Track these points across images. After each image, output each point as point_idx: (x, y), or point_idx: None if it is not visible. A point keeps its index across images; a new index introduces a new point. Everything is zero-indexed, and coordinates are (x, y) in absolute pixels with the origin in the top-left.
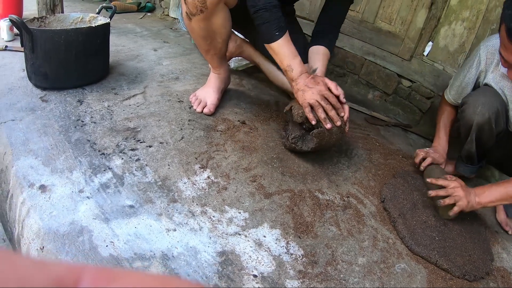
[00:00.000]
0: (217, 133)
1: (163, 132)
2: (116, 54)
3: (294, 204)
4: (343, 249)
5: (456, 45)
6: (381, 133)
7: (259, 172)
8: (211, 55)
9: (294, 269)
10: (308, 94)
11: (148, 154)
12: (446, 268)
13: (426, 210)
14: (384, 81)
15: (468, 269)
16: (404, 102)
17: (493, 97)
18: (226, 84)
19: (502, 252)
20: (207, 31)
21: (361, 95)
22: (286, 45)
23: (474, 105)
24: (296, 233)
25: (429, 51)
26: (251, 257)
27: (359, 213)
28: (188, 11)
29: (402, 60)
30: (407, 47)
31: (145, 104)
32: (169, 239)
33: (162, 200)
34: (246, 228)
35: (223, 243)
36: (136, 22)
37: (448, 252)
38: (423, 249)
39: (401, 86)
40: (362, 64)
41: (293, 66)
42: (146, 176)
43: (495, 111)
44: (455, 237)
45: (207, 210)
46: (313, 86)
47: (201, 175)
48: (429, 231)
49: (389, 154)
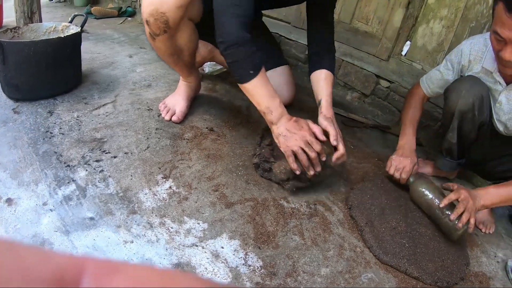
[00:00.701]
0: (183, 141)
1: (129, 142)
2: (91, 62)
3: (256, 214)
4: (305, 259)
5: (434, 44)
6: (357, 135)
7: (222, 181)
8: (179, 67)
9: (251, 281)
10: (291, 141)
11: (112, 165)
12: (417, 276)
13: (396, 215)
14: (362, 82)
15: (440, 276)
16: (383, 103)
17: (478, 85)
18: (196, 91)
19: (482, 256)
20: (173, 48)
21: (339, 97)
22: (263, 85)
23: (458, 89)
24: (256, 244)
25: (407, 50)
26: (207, 269)
27: (325, 221)
28: (151, 31)
29: (380, 61)
30: (384, 47)
31: (114, 113)
32: (126, 251)
33: (122, 212)
34: (204, 239)
35: (179, 255)
36: (115, 28)
37: (419, 259)
38: (392, 258)
39: (380, 87)
40: (340, 66)
41: (272, 108)
42: (108, 188)
43: (479, 97)
44: (427, 242)
45: (165, 221)
46: (296, 132)
47: (163, 186)
48: (398, 237)
49: (364, 158)
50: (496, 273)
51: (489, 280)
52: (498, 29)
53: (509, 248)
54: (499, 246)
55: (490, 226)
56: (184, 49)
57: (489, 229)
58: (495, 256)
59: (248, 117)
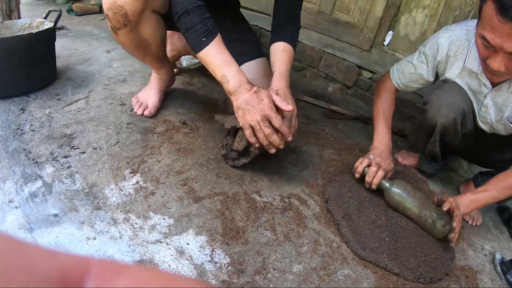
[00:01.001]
0: (154, 135)
1: (99, 137)
2: (68, 59)
3: (225, 208)
4: (276, 255)
5: (417, 34)
6: (338, 127)
7: (191, 175)
8: (148, 60)
9: (217, 278)
10: (249, 115)
11: (80, 160)
12: (397, 272)
13: (376, 208)
14: (344, 73)
15: (423, 272)
16: (366, 94)
17: (459, 98)
18: (169, 84)
19: (468, 249)
20: (138, 41)
21: (320, 89)
22: (218, 52)
23: (438, 105)
24: (224, 240)
25: (389, 40)
26: (170, 266)
27: (300, 215)
28: (111, 25)
29: (361, 51)
30: (366, 37)
31: (86, 109)
32: (88, 248)
33: (87, 208)
34: (169, 235)
35: (142, 252)
36: (95, 24)
37: (400, 254)
38: (370, 253)
39: (362, 78)
40: (321, 57)
41: (229, 77)
42: (74, 184)
43: (461, 113)
44: (409, 236)
45: (130, 217)
46: (255, 104)
47: (130, 181)
48: (378, 231)
49: (344, 149)
50: (483, 267)
51: (476, 274)
52: (487, 34)
53: (497, 240)
54: (486, 239)
55: (477, 218)
56: (150, 42)
57: (476, 221)
58: (482, 249)
59: (225, 111)
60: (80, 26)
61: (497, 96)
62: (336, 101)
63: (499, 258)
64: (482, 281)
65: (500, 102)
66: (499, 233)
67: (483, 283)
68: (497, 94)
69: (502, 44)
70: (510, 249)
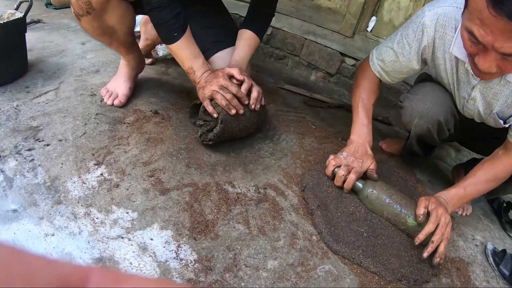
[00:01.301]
0: (123, 125)
1: (66, 128)
2: (41, 51)
3: (194, 200)
4: (249, 251)
5: (401, 19)
6: (320, 115)
7: (159, 166)
8: (115, 47)
9: (183, 277)
10: (207, 89)
11: (44, 153)
12: (374, 271)
13: (356, 200)
14: (327, 60)
15: (406, 273)
16: (349, 82)
17: (435, 106)
18: (138, 70)
19: (458, 240)
20: (103, 29)
21: (303, 78)
22: (187, 46)
23: (410, 114)
24: (191, 234)
25: (373, 26)
26: (132, 263)
27: (276, 207)
28: (74, 11)
29: (344, 38)
30: (349, 23)
31: (55, 100)
32: (45, 245)
33: (47, 203)
34: (132, 230)
35: (102, 248)
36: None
37: (379, 252)
38: (344, 247)
39: (345, 65)
40: (303, 45)
41: (195, 68)
42: (36, 177)
43: (436, 124)
44: (392, 233)
45: (91, 211)
46: (211, 79)
47: (94, 173)
48: (355, 225)
49: (326, 138)
50: (475, 258)
51: (467, 266)
52: (475, 29)
53: (488, 230)
54: (477, 228)
55: (467, 207)
56: (116, 29)
57: (466, 211)
58: (473, 239)
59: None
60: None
61: (486, 88)
62: (319, 90)
63: (491, 248)
64: (474, 273)
65: (490, 95)
66: (490, 223)
67: (475, 275)
68: (487, 86)
69: (493, 42)
70: (502, 239)
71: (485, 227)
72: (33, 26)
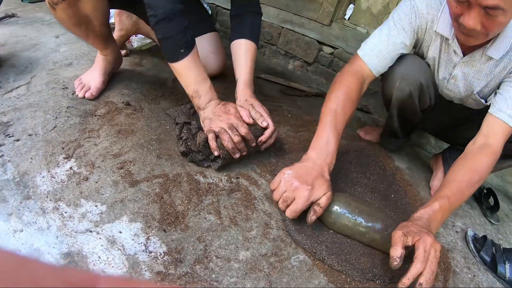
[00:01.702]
0: (94, 118)
1: (36, 123)
2: (14, 46)
3: (164, 192)
4: (220, 242)
5: (379, 7)
6: (297, 104)
7: (130, 157)
8: (92, 39)
9: (151, 270)
10: (216, 123)
11: (14, 148)
12: (339, 269)
13: None
14: (304, 49)
15: (378, 272)
16: (327, 70)
17: (416, 70)
18: (115, 66)
19: None
20: (78, 18)
21: (280, 67)
22: (194, 66)
23: (392, 78)
24: (161, 226)
25: (350, 14)
26: (100, 257)
27: (249, 197)
28: (49, 0)
29: (321, 26)
30: (326, 11)
31: (26, 95)
32: (14, 241)
33: (16, 198)
34: (100, 224)
35: (70, 243)
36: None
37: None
38: (307, 240)
39: (323, 54)
40: (280, 33)
41: (201, 92)
42: (5, 173)
43: (417, 86)
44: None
45: (60, 205)
46: (221, 114)
47: (63, 166)
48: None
49: (303, 126)
50: (455, 244)
51: (447, 252)
52: None
53: (468, 216)
54: (457, 215)
55: None
56: (92, 18)
57: None
58: (453, 225)
59: (173, 89)
60: (32, 13)
61: (468, 66)
62: (296, 79)
63: (471, 234)
64: (455, 259)
65: (471, 74)
66: (470, 209)
67: (455, 261)
68: (468, 64)
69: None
70: (482, 225)
71: (466, 214)
72: (6, 20)
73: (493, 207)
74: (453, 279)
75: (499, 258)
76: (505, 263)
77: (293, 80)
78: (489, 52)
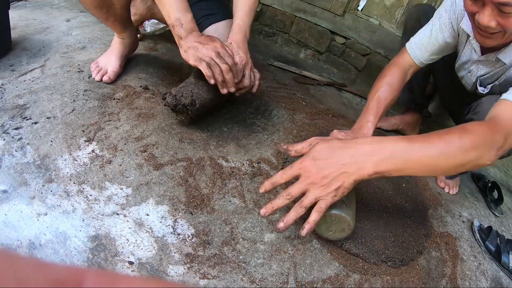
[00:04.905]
0: (113, 101)
1: (54, 106)
2: (25, 29)
3: (189, 175)
4: (246, 224)
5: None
6: (310, 92)
7: (152, 141)
8: (111, 22)
9: (181, 252)
10: (203, 51)
11: (32, 131)
12: (356, 253)
13: None
14: (316, 39)
15: (390, 254)
16: (339, 60)
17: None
18: (131, 49)
19: (446, 216)
20: (100, 0)
21: (292, 55)
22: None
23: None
24: (187, 209)
25: (363, 5)
26: (129, 240)
27: None
28: None
29: (334, 16)
30: (339, 1)
31: (41, 78)
32: (38, 225)
33: (38, 181)
34: (127, 206)
35: (97, 226)
36: None
37: (361, 234)
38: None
39: (335, 44)
40: (292, 22)
41: (183, 21)
42: (25, 156)
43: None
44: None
45: (84, 188)
46: (208, 42)
47: (85, 149)
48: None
49: (317, 114)
50: (462, 233)
51: (455, 240)
52: None
53: (474, 207)
54: (464, 206)
55: (453, 185)
56: (114, 1)
57: (453, 189)
58: (460, 215)
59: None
60: None
61: (482, 64)
62: (308, 67)
63: (477, 225)
64: (462, 247)
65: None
66: (475, 201)
67: (462, 249)
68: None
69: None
70: (487, 216)
71: (471, 205)
72: (15, 4)
73: (497, 200)
74: (461, 266)
75: (503, 248)
76: (509, 253)
77: (305, 69)
78: (500, 55)
